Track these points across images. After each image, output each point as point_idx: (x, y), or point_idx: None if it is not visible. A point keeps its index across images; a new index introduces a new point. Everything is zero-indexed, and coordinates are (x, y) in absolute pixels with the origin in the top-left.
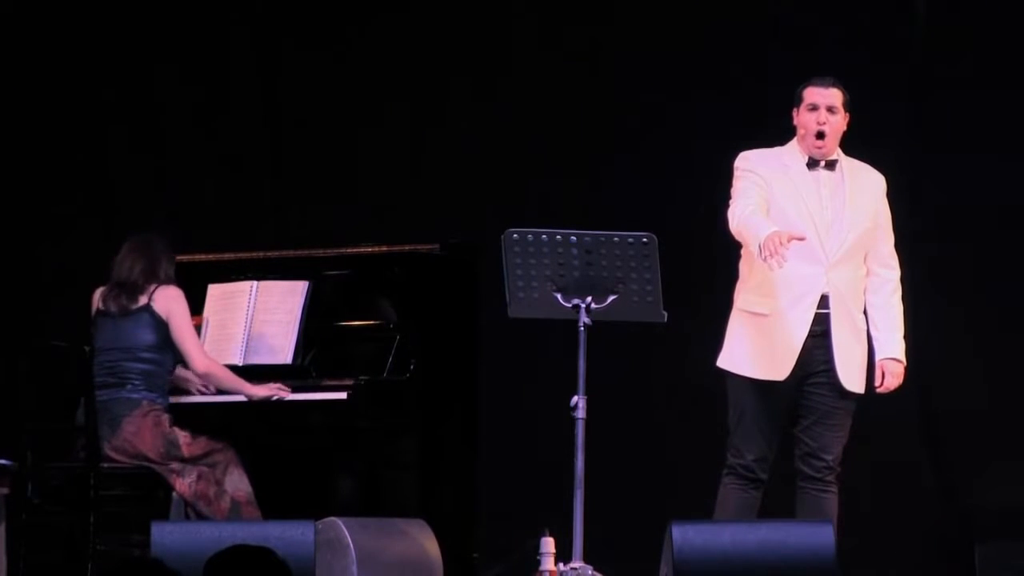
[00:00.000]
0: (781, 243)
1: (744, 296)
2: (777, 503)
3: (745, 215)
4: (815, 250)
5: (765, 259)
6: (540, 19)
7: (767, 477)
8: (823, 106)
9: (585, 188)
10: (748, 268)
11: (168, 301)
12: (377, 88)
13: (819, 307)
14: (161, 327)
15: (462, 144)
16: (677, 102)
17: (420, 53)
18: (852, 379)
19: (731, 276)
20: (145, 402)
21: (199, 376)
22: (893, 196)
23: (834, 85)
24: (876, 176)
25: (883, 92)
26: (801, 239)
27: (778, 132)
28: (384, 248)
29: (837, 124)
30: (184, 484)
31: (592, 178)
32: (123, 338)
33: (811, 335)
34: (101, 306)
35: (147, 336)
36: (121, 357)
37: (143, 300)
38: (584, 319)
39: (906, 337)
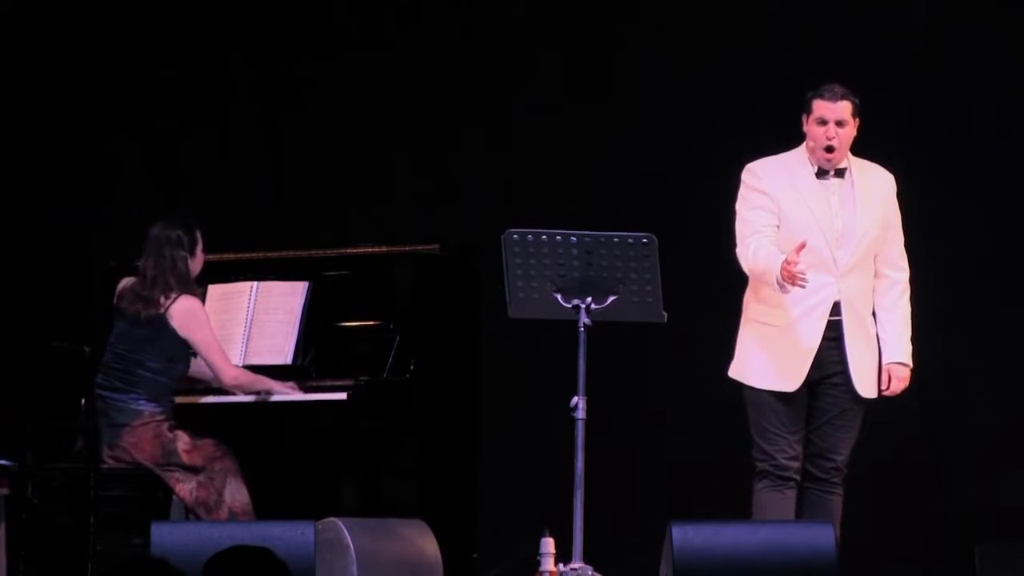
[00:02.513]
0: (791, 263)
1: (755, 307)
2: None
3: (752, 255)
4: (826, 261)
5: (792, 284)
6: (542, 19)
7: (800, 478)
8: (832, 120)
9: (585, 188)
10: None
11: (187, 318)
12: (377, 88)
13: (831, 314)
14: (173, 339)
15: (462, 144)
16: (677, 102)
17: (419, 53)
18: (866, 385)
19: (730, 276)
20: (146, 412)
21: (228, 388)
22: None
23: (843, 98)
24: (886, 176)
25: (884, 91)
26: (803, 246)
27: (779, 132)
28: (384, 248)
29: (846, 136)
30: (185, 490)
31: (592, 178)
32: (133, 343)
33: (824, 338)
34: (119, 303)
35: (158, 346)
36: (130, 360)
37: (159, 310)
38: (584, 319)
39: (912, 339)
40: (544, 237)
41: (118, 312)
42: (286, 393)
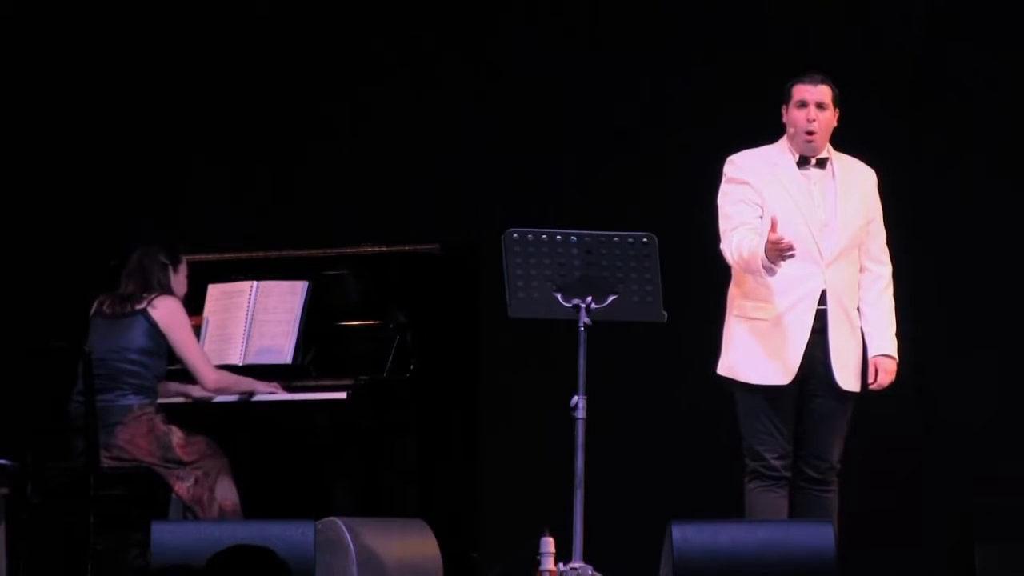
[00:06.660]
0: (774, 239)
1: (740, 302)
2: None
3: (735, 247)
4: (810, 251)
5: (781, 259)
6: (539, 19)
7: (791, 475)
8: (812, 102)
9: (585, 188)
10: (743, 273)
11: (168, 315)
12: (377, 87)
13: (818, 304)
14: (155, 333)
15: (462, 144)
16: (677, 102)
17: (419, 53)
18: (848, 379)
19: (731, 276)
20: (135, 407)
21: (210, 392)
22: (895, 196)
23: (823, 82)
24: (867, 171)
25: (883, 90)
26: (776, 222)
27: (778, 131)
28: (384, 248)
29: (826, 120)
30: (183, 488)
31: (592, 178)
32: (114, 338)
33: (811, 330)
34: (97, 308)
35: (139, 338)
36: (111, 357)
37: (139, 305)
38: (584, 319)
39: (899, 334)
40: (544, 237)
41: (97, 317)
42: (271, 393)
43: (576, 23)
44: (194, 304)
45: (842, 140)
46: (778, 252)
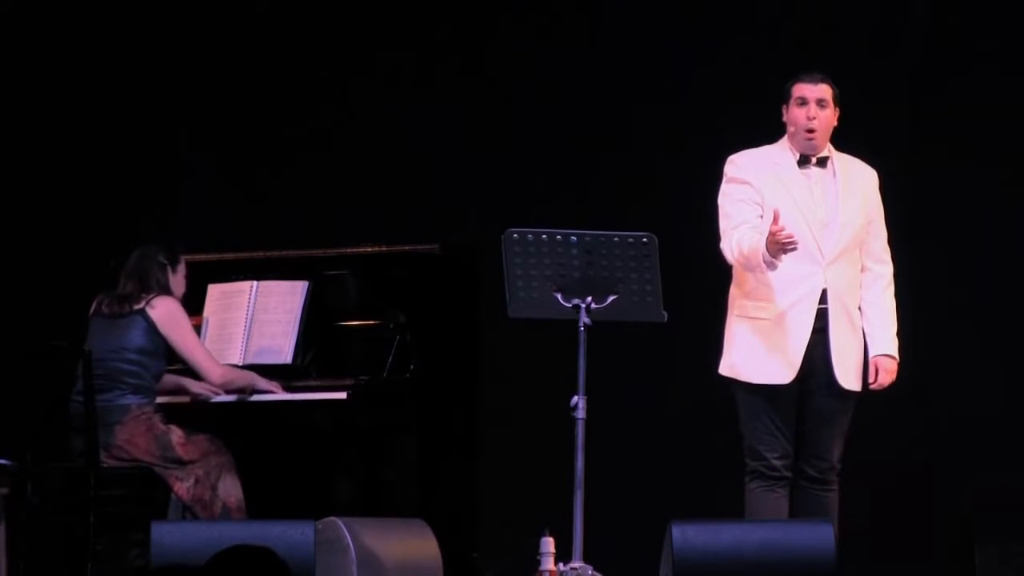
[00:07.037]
0: (775, 231)
1: (741, 302)
2: None
3: (736, 245)
4: (811, 250)
5: (783, 252)
6: (539, 18)
7: (792, 475)
8: (812, 100)
9: (585, 188)
10: (743, 273)
11: (166, 315)
12: (377, 87)
13: (819, 303)
14: (153, 333)
15: (462, 144)
16: (676, 101)
17: (420, 53)
18: (849, 378)
19: (730, 275)
20: (134, 406)
21: (217, 387)
22: (895, 196)
23: (823, 80)
24: (868, 170)
25: (883, 90)
26: (778, 215)
27: (778, 131)
28: (384, 248)
29: (827, 119)
30: (183, 488)
31: (592, 178)
32: (112, 338)
33: (812, 330)
34: (95, 308)
35: (137, 338)
36: (109, 357)
37: (138, 305)
38: (584, 319)
39: (899, 333)
40: (544, 237)
41: (95, 317)
42: (271, 392)
43: (576, 23)
44: (194, 304)
45: (843, 140)
46: (779, 245)
